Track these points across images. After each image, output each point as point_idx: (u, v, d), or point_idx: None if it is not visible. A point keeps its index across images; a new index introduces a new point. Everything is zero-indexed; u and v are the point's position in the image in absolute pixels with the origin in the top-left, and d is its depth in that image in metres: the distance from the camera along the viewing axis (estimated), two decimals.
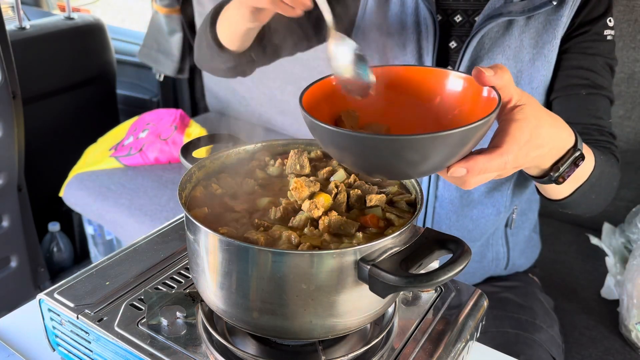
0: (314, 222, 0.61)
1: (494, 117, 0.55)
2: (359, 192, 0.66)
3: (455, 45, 1.03)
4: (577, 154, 0.68)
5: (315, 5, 1.07)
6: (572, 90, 0.97)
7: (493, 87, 0.59)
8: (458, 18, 1.02)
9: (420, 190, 0.65)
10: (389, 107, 0.68)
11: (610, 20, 0.98)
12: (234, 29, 0.94)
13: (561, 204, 0.85)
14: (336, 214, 0.61)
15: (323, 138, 0.58)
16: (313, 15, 1.07)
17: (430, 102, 0.67)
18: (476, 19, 1.00)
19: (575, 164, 0.69)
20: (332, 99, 0.67)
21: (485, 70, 0.59)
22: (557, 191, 0.82)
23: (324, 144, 0.60)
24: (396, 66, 0.69)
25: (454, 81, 0.65)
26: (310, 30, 1.09)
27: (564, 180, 0.70)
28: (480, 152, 0.58)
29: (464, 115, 0.63)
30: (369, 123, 0.68)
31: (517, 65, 0.99)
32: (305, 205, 0.62)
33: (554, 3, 0.93)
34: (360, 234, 0.60)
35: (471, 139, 0.54)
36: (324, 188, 0.66)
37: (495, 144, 0.59)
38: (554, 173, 0.69)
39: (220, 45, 0.99)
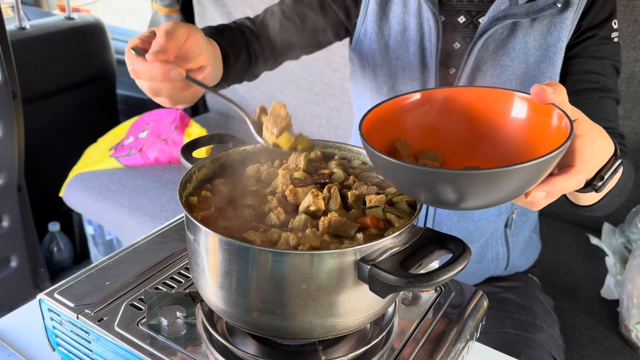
0: (314, 223, 0.61)
1: (569, 143, 0.54)
2: (358, 192, 0.66)
3: (459, 46, 1.02)
4: (619, 162, 0.69)
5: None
6: (584, 95, 0.97)
7: (562, 110, 0.58)
8: (462, 19, 1.01)
9: None
10: (440, 131, 0.67)
11: (615, 23, 0.98)
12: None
13: (588, 209, 0.84)
14: (336, 214, 0.61)
15: (393, 174, 0.56)
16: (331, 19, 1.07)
17: (484, 125, 0.65)
18: (480, 20, 1.00)
19: (616, 171, 0.69)
20: (385, 124, 0.65)
21: (547, 88, 0.58)
22: (590, 198, 0.80)
23: (391, 179, 0.58)
24: (449, 88, 0.67)
25: (516, 102, 0.63)
26: (308, 43, 1.09)
27: (604, 187, 0.69)
28: (551, 172, 0.58)
29: (527, 138, 0.62)
30: (423, 150, 0.67)
31: (522, 67, 0.99)
32: (307, 200, 0.62)
33: (559, 5, 0.92)
34: (360, 235, 0.60)
35: (550, 168, 0.54)
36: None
37: (566, 163, 0.59)
38: (597, 182, 0.68)
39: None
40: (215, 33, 0.93)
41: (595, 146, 0.62)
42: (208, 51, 0.76)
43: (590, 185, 0.69)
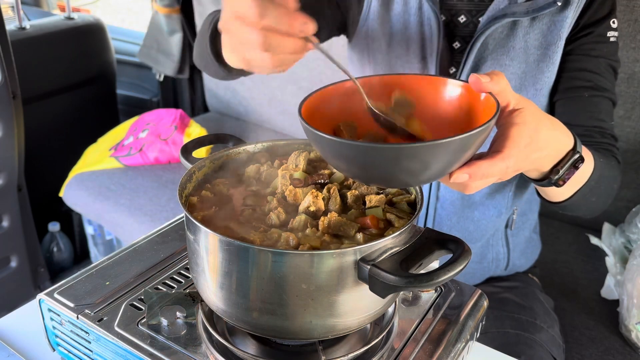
0: (314, 223, 0.61)
1: (493, 123, 0.55)
2: (357, 192, 0.66)
3: (459, 45, 1.02)
4: (577, 156, 0.69)
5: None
6: (574, 92, 0.97)
7: (491, 93, 0.59)
8: (462, 19, 1.01)
9: (420, 190, 0.65)
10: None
11: (614, 22, 0.97)
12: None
13: (561, 207, 0.85)
14: (336, 214, 0.61)
15: (323, 148, 0.57)
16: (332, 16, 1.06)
17: (428, 111, 0.66)
18: (480, 19, 1.00)
19: (575, 166, 0.69)
20: (330, 109, 0.66)
21: (482, 77, 0.59)
22: (557, 194, 0.82)
23: (324, 154, 0.59)
24: (391, 75, 0.69)
25: (451, 89, 0.65)
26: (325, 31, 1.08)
27: (564, 182, 0.70)
28: (482, 156, 0.58)
29: (462, 122, 0.63)
30: (367, 132, 0.68)
31: (521, 66, 0.99)
32: (306, 200, 0.62)
33: (559, 4, 0.92)
34: (360, 235, 0.60)
35: (472, 146, 0.54)
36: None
37: (496, 148, 0.59)
38: (553, 176, 0.69)
39: (220, 60, 0.87)
40: None
41: (540, 137, 0.62)
42: None
43: (547, 179, 0.70)
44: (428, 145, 0.51)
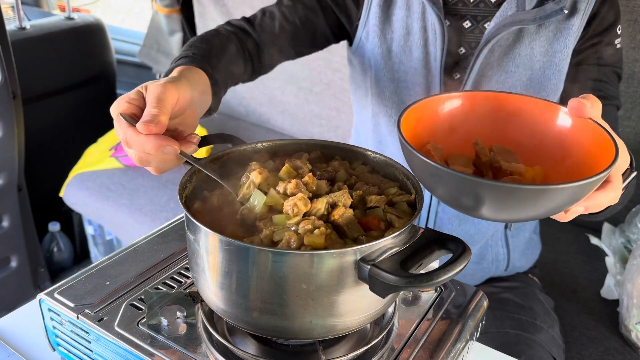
0: (318, 223, 0.60)
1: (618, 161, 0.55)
2: (361, 192, 0.66)
3: (464, 51, 1.01)
4: (634, 174, 0.70)
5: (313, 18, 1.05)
6: None
7: (606, 130, 0.59)
8: (467, 24, 1.00)
9: (420, 190, 0.65)
10: (472, 134, 0.67)
11: (619, 29, 0.98)
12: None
13: (592, 215, 0.83)
14: (351, 211, 0.61)
15: (437, 178, 0.56)
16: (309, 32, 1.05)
17: (521, 134, 0.66)
18: (485, 25, 0.99)
19: (631, 182, 0.70)
20: (420, 124, 0.65)
21: (585, 103, 0.59)
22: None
23: (431, 184, 0.58)
24: (497, 92, 0.67)
25: (560, 116, 0.64)
26: (306, 46, 1.08)
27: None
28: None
29: (568, 151, 0.63)
30: (453, 154, 0.67)
31: (527, 73, 0.98)
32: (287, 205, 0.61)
33: (565, 12, 0.92)
34: (363, 239, 0.60)
35: (595, 187, 0.54)
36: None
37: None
38: None
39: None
40: (203, 59, 0.84)
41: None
42: (194, 98, 0.74)
43: None
44: (570, 187, 0.51)
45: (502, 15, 0.96)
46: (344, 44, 1.15)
